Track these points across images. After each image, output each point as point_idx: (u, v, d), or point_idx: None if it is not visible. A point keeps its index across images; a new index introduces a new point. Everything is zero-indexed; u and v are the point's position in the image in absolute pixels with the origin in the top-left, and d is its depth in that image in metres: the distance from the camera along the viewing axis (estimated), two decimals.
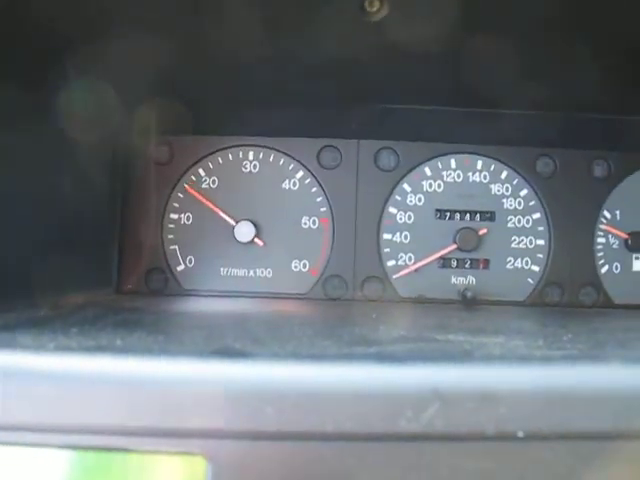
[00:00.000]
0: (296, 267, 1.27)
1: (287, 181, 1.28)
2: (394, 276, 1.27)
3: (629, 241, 1.27)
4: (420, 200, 1.29)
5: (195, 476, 0.52)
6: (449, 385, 0.52)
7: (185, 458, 0.53)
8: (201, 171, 1.28)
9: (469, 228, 1.26)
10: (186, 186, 1.28)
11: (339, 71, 1.07)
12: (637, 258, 1.28)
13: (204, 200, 1.27)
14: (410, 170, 1.28)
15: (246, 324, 0.88)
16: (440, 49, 0.95)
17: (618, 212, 1.28)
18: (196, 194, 1.27)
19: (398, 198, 1.28)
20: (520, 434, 0.52)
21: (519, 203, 1.28)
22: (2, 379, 0.51)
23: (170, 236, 1.27)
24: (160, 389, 0.51)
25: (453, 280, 1.27)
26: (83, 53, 0.92)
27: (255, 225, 1.25)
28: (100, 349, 0.57)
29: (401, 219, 1.28)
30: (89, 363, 0.53)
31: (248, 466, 0.52)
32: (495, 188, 1.29)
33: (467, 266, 1.28)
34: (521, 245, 1.28)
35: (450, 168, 1.29)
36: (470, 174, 1.29)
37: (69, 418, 0.51)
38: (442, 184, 1.29)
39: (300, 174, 1.28)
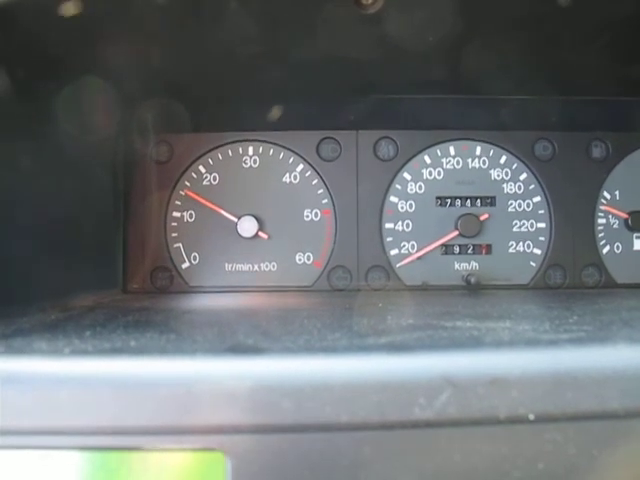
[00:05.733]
0: (300, 260, 1.28)
1: (288, 175, 1.29)
2: (398, 265, 1.28)
3: (629, 221, 1.28)
4: (421, 188, 1.29)
5: (215, 472, 0.54)
6: (460, 371, 0.53)
7: (204, 454, 0.54)
8: (201, 168, 1.28)
9: (470, 214, 1.27)
10: (187, 184, 1.28)
11: (337, 64, 1.07)
12: (638, 237, 1.29)
13: (206, 197, 1.27)
14: (410, 159, 1.29)
15: (255, 319, 0.89)
16: (437, 38, 0.95)
17: (617, 192, 1.29)
18: (197, 191, 1.27)
19: (399, 187, 1.29)
20: (531, 417, 0.53)
21: (519, 187, 1.29)
22: (22, 385, 0.52)
23: (174, 234, 1.28)
24: (177, 388, 0.52)
25: (456, 266, 1.28)
26: (82, 54, 0.92)
27: (258, 220, 1.26)
28: (115, 351, 0.57)
29: (402, 208, 1.29)
30: (106, 366, 0.54)
31: (266, 459, 0.53)
32: (495, 173, 1.29)
33: (470, 252, 1.29)
34: (522, 229, 1.29)
35: (449, 155, 1.29)
36: (469, 160, 1.29)
37: (90, 420, 0.52)
38: (442, 171, 1.29)
39: (300, 167, 1.29)
